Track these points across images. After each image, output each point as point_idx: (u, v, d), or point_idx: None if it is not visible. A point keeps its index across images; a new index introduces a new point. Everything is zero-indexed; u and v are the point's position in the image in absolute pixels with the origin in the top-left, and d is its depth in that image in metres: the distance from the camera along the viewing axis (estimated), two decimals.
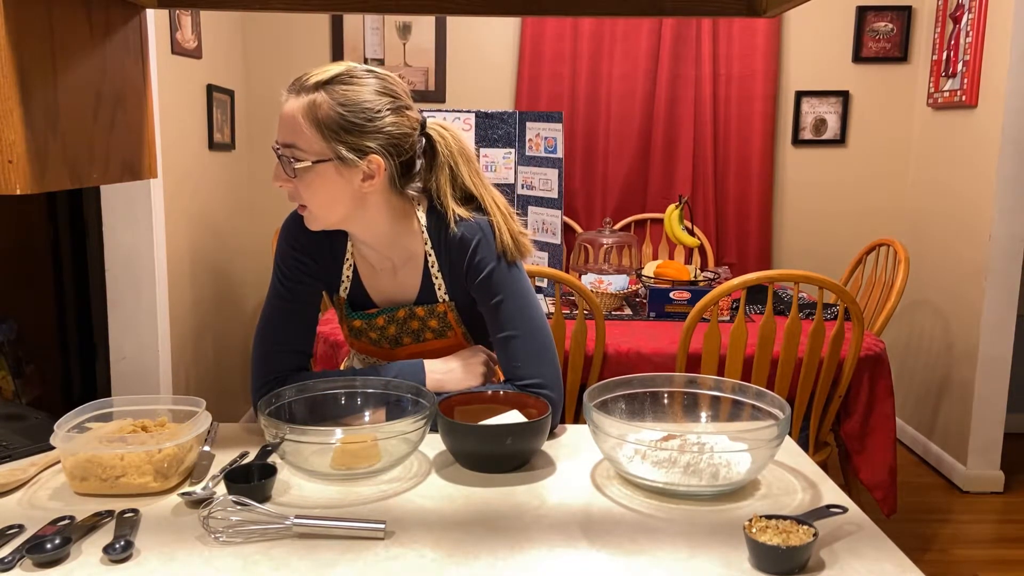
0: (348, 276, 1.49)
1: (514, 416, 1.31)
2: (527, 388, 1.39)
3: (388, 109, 1.33)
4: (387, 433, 1.24)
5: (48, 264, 3.20)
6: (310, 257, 1.47)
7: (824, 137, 3.76)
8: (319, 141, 1.29)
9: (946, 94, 3.43)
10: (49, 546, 0.98)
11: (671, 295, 2.66)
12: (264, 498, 1.14)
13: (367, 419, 1.39)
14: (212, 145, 3.27)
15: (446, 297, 1.47)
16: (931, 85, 3.56)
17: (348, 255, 1.49)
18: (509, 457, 1.26)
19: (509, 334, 1.40)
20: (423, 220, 1.45)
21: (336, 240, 1.48)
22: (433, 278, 1.46)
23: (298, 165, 1.30)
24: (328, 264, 1.49)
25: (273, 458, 1.25)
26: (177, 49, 2.91)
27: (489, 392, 1.38)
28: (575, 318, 2.27)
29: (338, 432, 1.26)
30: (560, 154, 3.18)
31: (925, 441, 3.54)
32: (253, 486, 1.15)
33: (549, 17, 3.42)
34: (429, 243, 1.45)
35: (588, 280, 2.72)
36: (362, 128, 1.31)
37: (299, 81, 1.33)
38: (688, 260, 3.50)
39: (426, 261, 1.46)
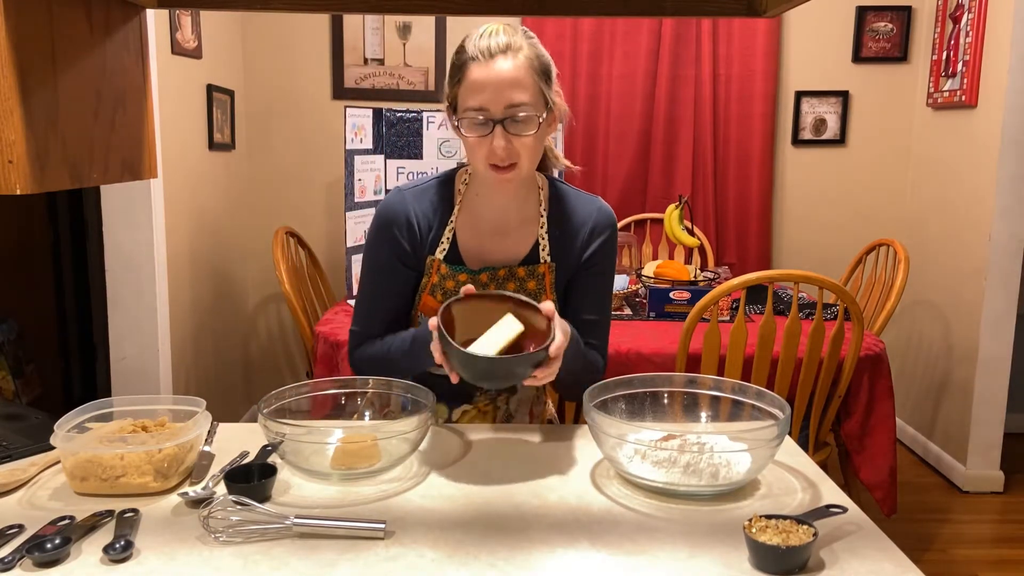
0: (448, 238, 1.49)
1: (510, 322, 1.27)
2: (604, 359, 1.56)
3: None
4: (387, 433, 1.24)
5: (48, 264, 3.20)
6: (408, 237, 1.47)
7: (824, 137, 3.75)
8: (540, 92, 1.36)
9: (946, 94, 3.43)
10: (49, 546, 0.98)
11: (671, 295, 2.66)
12: (264, 498, 1.15)
13: (367, 418, 1.40)
14: (212, 145, 3.28)
15: (548, 258, 1.49)
16: (931, 85, 3.56)
17: (453, 218, 1.49)
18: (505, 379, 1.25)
19: (606, 317, 1.56)
20: (543, 179, 1.51)
21: (444, 203, 1.49)
22: (540, 239, 1.49)
23: (541, 118, 1.36)
24: (430, 233, 1.49)
25: (273, 458, 1.25)
26: (177, 49, 2.91)
27: (496, 294, 1.34)
28: None
29: (338, 432, 1.26)
30: None
31: (925, 441, 3.54)
32: (253, 486, 1.15)
33: (549, 17, 3.41)
34: (545, 204, 1.50)
35: None
36: (551, 74, 1.40)
37: (497, 45, 1.34)
38: (688, 260, 3.50)
39: (538, 223, 1.49)
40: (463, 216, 1.49)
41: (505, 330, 1.26)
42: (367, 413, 1.41)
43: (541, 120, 1.36)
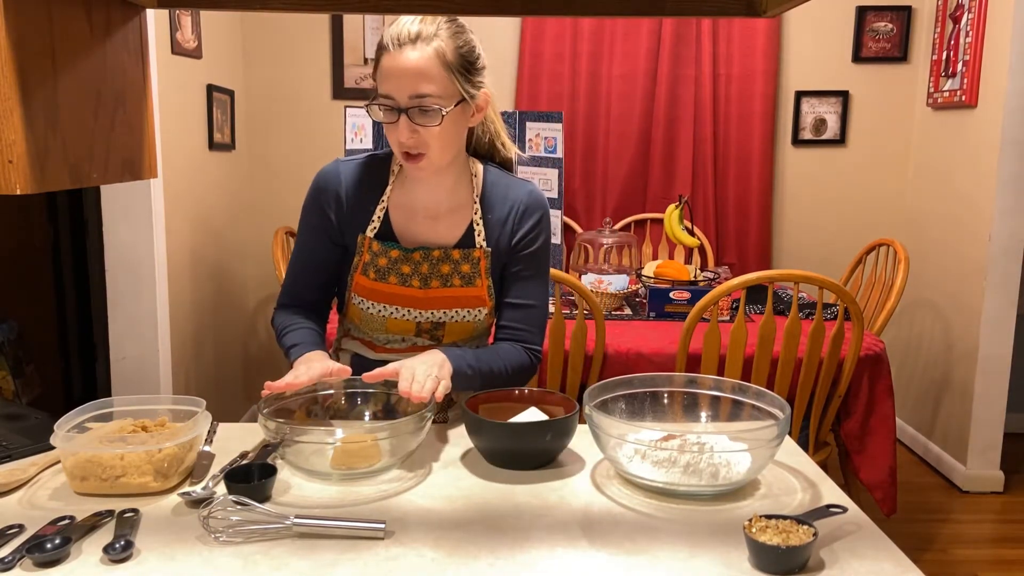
0: (379, 217, 1.50)
1: (534, 413, 1.33)
2: (533, 352, 1.54)
3: (478, 44, 1.44)
4: (387, 433, 1.23)
5: (48, 264, 3.20)
6: (336, 209, 1.51)
7: (824, 137, 3.75)
8: (451, 84, 1.37)
9: (946, 94, 3.43)
10: (49, 546, 0.98)
11: (671, 295, 2.66)
12: (264, 498, 1.14)
13: (367, 417, 1.39)
14: (212, 145, 3.27)
15: (483, 244, 1.50)
16: (931, 85, 3.56)
17: (384, 198, 1.51)
18: (545, 452, 1.28)
19: (533, 303, 1.54)
20: (478, 166, 1.53)
21: (377, 181, 1.52)
22: (475, 224, 1.50)
23: (445, 111, 1.36)
24: (360, 210, 1.51)
25: (273, 458, 1.25)
26: (177, 49, 2.91)
27: (516, 392, 1.41)
28: (575, 318, 2.26)
29: (338, 432, 1.26)
30: (560, 154, 3.18)
31: (925, 441, 3.54)
32: (253, 486, 1.15)
33: (549, 17, 3.41)
34: (478, 190, 1.51)
35: (588, 280, 2.72)
36: (475, 64, 1.42)
37: (407, 34, 1.36)
38: (688, 260, 3.50)
39: (471, 208, 1.51)
40: (396, 196, 1.52)
41: (526, 417, 1.32)
42: (367, 413, 1.40)
43: (446, 112, 1.36)
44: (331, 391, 1.41)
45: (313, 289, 1.57)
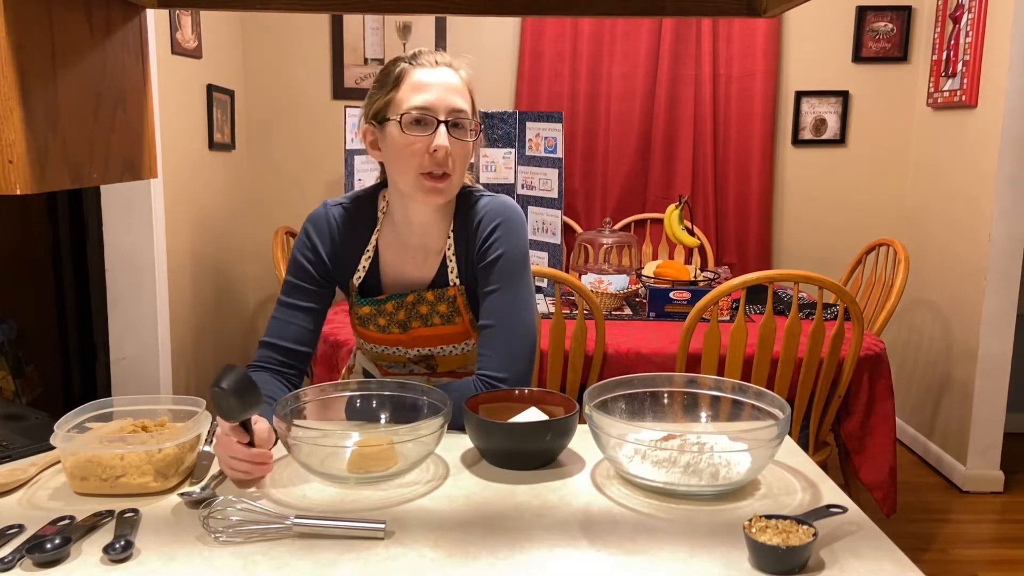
0: (364, 267, 1.50)
1: (534, 413, 1.33)
2: (489, 378, 1.41)
3: None
4: (406, 436, 1.22)
5: (48, 264, 3.20)
6: (330, 251, 1.49)
7: (824, 137, 3.75)
8: (474, 111, 1.44)
9: (946, 94, 3.43)
10: (49, 546, 0.98)
11: (671, 295, 2.66)
12: (250, 404, 1.16)
13: (383, 421, 1.38)
14: (212, 145, 3.28)
15: (457, 281, 1.49)
16: (931, 85, 3.56)
17: (371, 245, 1.50)
18: (545, 452, 1.28)
19: (491, 323, 1.43)
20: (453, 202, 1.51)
21: (365, 225, 1.51)
22: (448, 260, 1.49)
23: (479, 128, 1.43)
24: (350, 253, 1.51)
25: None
26: (177, 49, 2.91)
27: (516, 392, 1.40)
28: (575, 318, 2.26)
29: (355, 435, 1.26)
30: (560, 154, 3.18)
31: (925, 441, 3.54)
32: (239, 383, 1.14)
33: (549, 17, 3.42)
34: (452, 224, 1.49)
35: (588, 280, 2.72)
36: (474, 100, 1.46)
37: (439, 58, 1.41)
38: (688, 260, 3.50)
39: (446, 244, 1.49)
40: (386, 235, 1.50)
41: (526, 417, 1.32)
42: (383, 416, 1.39)
43: (476, 130, 1.41)
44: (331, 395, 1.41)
45: (293, 342, 1.47)
